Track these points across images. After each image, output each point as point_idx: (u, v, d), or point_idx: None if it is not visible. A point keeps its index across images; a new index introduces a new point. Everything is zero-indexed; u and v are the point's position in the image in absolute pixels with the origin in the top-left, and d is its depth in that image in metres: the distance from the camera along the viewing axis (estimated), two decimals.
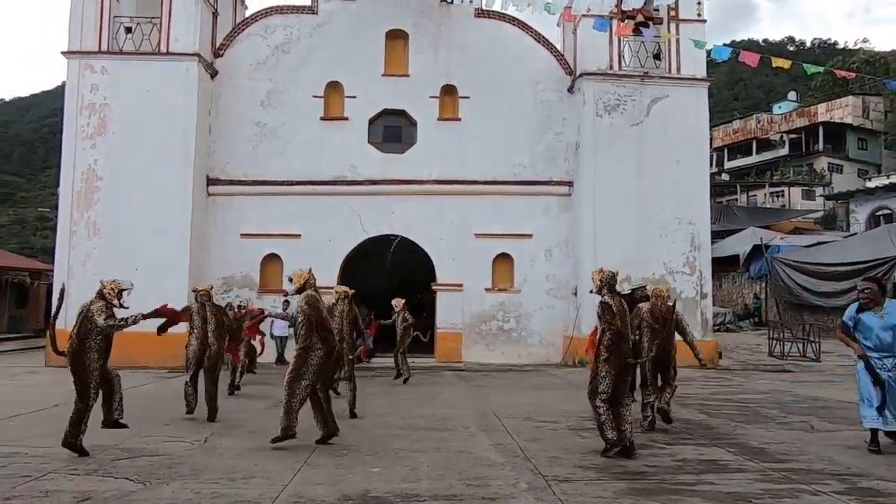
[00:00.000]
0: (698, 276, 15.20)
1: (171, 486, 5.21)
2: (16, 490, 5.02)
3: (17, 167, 70.48)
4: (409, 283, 19.62)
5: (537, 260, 15.75)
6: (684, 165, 15.31)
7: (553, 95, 16.18)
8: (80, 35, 14.79)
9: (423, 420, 8.23)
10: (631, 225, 15.08)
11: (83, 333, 6.28)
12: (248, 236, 15.40)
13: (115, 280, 6.58)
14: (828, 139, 44.45)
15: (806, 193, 40.45)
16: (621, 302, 6.30)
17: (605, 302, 6.16)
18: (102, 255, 14.35)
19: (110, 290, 6.38)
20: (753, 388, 11.79)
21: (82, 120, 14.66)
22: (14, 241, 47.44)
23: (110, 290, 6.38)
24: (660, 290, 7.91)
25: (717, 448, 6.73)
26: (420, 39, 16.14)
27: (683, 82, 15.59)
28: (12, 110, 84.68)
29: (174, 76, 14.72)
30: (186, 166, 14.65)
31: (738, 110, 60.06)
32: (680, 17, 15.66)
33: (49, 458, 6.03)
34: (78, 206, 14.52)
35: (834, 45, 78.88)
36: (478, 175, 15.79)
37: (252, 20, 16.28)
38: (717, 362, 14.90)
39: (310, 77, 15.87)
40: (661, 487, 5.28)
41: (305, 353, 6.46)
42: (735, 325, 25.20)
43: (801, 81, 61.16)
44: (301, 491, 5.10)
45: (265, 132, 15.76)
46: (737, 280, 28.65)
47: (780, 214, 35.88)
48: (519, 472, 5.74)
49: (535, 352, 15.44)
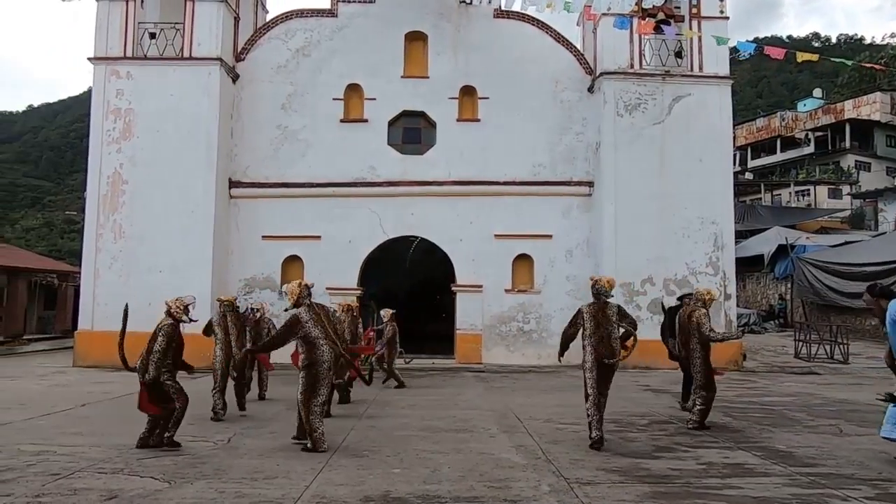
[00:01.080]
0: (722, 276, 14.98)
1: (195, 485, 5.27)
2: (45, 488, 5.12)
3: (46, 171, 72.12)
4: (428, 284, 19.70)
5: (557, 261, 15.66)
6: (707, 164, 15.11)
7: (573, 95, 16.08)
8: (106, 41, 15.08)
9: (443, 421, 8.23)
10: (652, 225, 14.92)
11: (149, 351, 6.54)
12: (270, 238, 15.55)
13: (178, 298, 6.80)
14: (855, 136, 43.52)
15: (832, 192, 39.64)
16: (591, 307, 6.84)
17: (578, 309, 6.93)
18: (128, 257, 14.62)
19: (176, 308, 6.63)
20: (779, 391, 11.58)
21: (108, 124, 14.95)
22: (43, 244, 48.53)
23: (176, 308, 6.63)
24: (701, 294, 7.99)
25: (742, 451, 6.62)
26: (439, 41, 16.16)
27: (706, 80, 15.39)
28: (41, 116, 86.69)
29: (197, 80, 14.94)
30: (209, 169, 14.85)
31: (761, 108, 59.10)
32: (702, 14, 15.46)
33: (77, 456, 6.14)
34: (104, 210, 14.79)
35: (860, 40, 77.28)
36: (497, 176, 15.75)
37: (273, 24, 16.44)
38: (741, 364, 14.67)
39: (330, 79, 15.98)
40: (686, 491, 5.21)
41: (309, 369, 6.42)
42: (759, 327, 24.78)
43: (827, 78, 60.08)
44: (323, 491, 5.12)
45: (286, 135, 15.91)
46: (761, 281, 28.18)
47: (806, 214, 35.22)
48: (541, 474, 5.70)
49: (555, 353, 15.19)
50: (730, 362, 14.43)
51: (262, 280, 15.55)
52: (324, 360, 6.41)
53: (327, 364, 6.45)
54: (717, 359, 7.79)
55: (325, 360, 6.42)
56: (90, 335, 14.44)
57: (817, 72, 63.95)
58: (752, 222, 31.81)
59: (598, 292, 6.85)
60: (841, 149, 43.79)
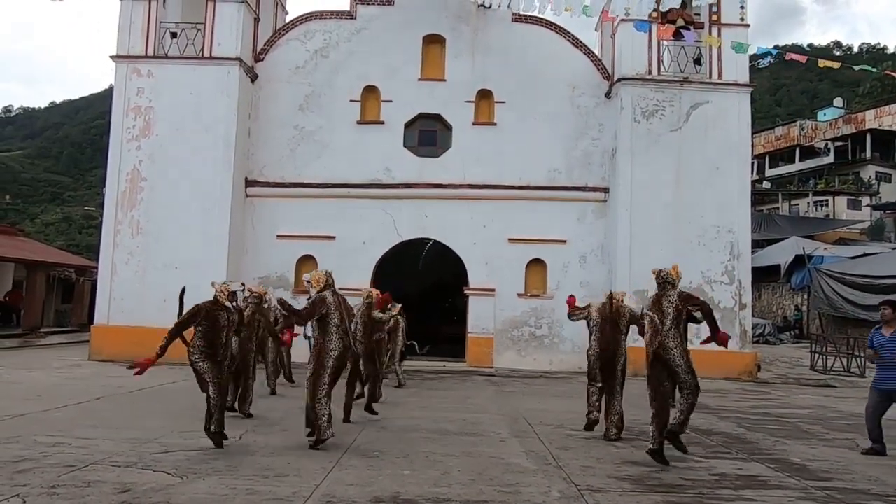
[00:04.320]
0: (737, 285, 14.83)
1: (207, 481, 5.31)
2: (60, 479, 5.19)
3: (66, 167, 73.25)
4: (440, 286, 19.70)
5: (571, 266, 15.59)
6: (724, 172, 14.98)
7: (590, 100, 16.03)
8: (128, 40, 15.28)
9: (453, 424, 8.22)
10: (668, 232, 14.81)
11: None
12: (284, 237, 15.64)
13: (225, 282, 6.96)
14: (876, 147, 42.98)
15: (851, 203, 39.18)
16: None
17: None
18: (145, 253, 14.77)
19: (220, 290, 6.71)
20: (794, 403, 11.44)
21: (128, 122, 15.13)
22: (61, 239, 49.28)
23: (220, 290, 6.71)
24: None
25: (756, 463, 6.55)
26: (457, 44, 16.18)
27: (725, 88, 15.27)
28: (63, 112, 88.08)
29: (216, 80, 15.08)
30: (227, 168, 14.98)
31: (780, 116, 58.57)
32: (722, 21, 15.35)
33: (91, 449, 6.22)
34: (122, 206, 14.97)
35: (883, 49, 76.35)
36: (513, 180, 15.72)
37: (292, 25, 16.56)
38: (755, 375, 14.50)
39: (347, 81, 16.06)
40: (698, 502, 5.16)
41: (319, 356, 6.55)
42: (775, 338, 24.52)
43: (848, 87, 59.38)
44: (333, 491, 5.14)
45: (303, 135, 16.01)
46: (777, 291, 27.88)
47: (824, 224, 34.81)
48: (551, 480, 5.68)
49: (566, 359, 15.26)
50: (744, 373, 14.29)
51: (275, 279, 15.63)
52: (332, 349, 6.53)
53: (336, 353, 6.54)
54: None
55: (333, 349, 6.53)
56: (106, 329, 14.61)
57: (838, 81, 63.26)
58: (769, 232, 31.49)
59: (664, 280, 6.52)
60: (861, 159, 43.26)
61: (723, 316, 13.84)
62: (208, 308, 6.54)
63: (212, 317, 6.49)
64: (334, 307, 6.61)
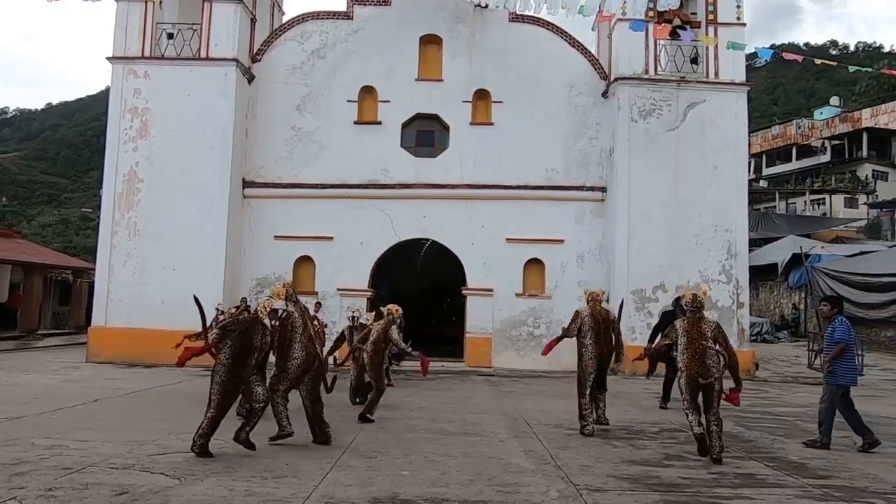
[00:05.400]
0: (735, 284, 14.85)
1: (205, 482, 5.30)
2: (57, 482, 5.17)
3: (63, 169, 73.10)
4: (439, 286, 19.70)
5: (569, 266, 15.60)
6: (721, 171, 15.00)
7: (587, 100, 16.04)
8: (125, 41, 15.25)
9: (452, 424, 8.22)
10: (665, 231, 14.83)
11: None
12: (282, 238, 15.62)
13: (269, 298, 6.98)
14: (872, 146, 43.07)
15: (848, 201, 39.23)
16: (685, 322, 6.78)
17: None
18: (142, 255, 14.74)
19: (262, 307, 6.68)
20: (792, 401, 11.46)
21: (125, 123, 15.10)
22: (58, 241, 49.11)
23: (262, 307, 6.68)
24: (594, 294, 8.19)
25: (754, 462, 6.56)
26: (454, 44, 16.18)
27: (722, 87, 15.29)
28: (59, 114, 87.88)
29: (213, 81, 15.05)
30: (224, 169, 14.96)
31: (777, 115, 58.68)
32: (718, 20, 15.37)
33: (89, 451, 6.20)
34: (119, 208, 14.94)
35: (879, 48, 76.58)
36: (510, 180, 15.72)
37: (289, 26, 16.54)
38: (753, 374, 14.52)
39: (344, 81, 16.05)
40: (696, 500, 5.17)
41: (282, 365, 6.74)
42: (772, 336, 24.52)
43: (845, 87, 59.49)
44: (331, 492, 5.13)
45: (300, 136, 15.99)
46: (775, 290, 27.91)
47: (821, 223, 34.84)
48: (550, 479, 5.68)
49: (565, 359, 15.09)
50: (742, 372, 14.28)
51: (273, 280, 15.53)
52: (295, 357, 6.70)
53: (299, 360, 6.70)
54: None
55: (296, 357, 6.70)
56: (103, 331, 14.58)
57: (834, 80, 63.43)
58: (766, 231, 31.52)
59: (700, 306, 6.70)
60: (858, 158, 43.34)
61: (721, 315, 13.88)
62: (247, 324, 6.35)
63: (247, 336, 6.25)
64: (300, 320, 6.77)
